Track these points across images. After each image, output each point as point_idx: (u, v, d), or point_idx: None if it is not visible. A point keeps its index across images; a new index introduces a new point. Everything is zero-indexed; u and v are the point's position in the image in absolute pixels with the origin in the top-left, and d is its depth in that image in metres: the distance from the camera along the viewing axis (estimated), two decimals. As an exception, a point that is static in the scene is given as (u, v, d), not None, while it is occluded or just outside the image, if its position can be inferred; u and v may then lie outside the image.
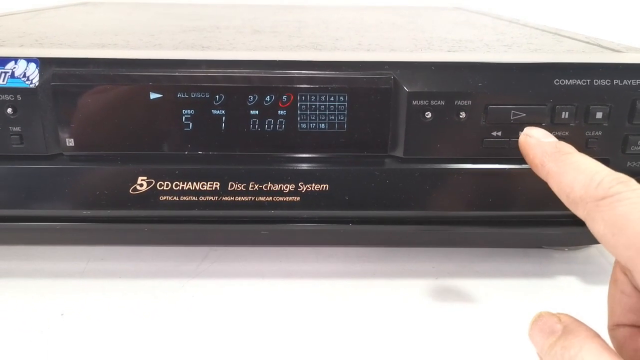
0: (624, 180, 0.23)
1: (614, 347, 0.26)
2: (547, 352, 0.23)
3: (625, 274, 0.25)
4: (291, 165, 0.36)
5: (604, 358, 0.21)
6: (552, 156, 0.28)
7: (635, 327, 0.25)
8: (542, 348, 0.24)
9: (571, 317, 0.24)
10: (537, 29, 0.53)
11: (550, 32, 0.50)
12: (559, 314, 0.24)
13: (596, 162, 0.26)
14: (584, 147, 0.35)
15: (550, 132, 0.34)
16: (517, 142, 0.34)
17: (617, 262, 0.26)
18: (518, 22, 0.61)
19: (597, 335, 0.22)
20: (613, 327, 0.26)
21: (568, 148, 0.28)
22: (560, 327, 0.23)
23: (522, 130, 0.34)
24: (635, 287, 0.25)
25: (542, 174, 0.29)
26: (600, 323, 0.28)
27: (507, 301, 0.37)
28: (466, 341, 0.33)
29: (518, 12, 0.82)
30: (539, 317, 0.25)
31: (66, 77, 0.34)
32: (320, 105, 0.35)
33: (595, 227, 0.23)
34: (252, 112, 0.34)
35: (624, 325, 0.25)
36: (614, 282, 0.26)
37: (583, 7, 0.87)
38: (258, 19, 0.60)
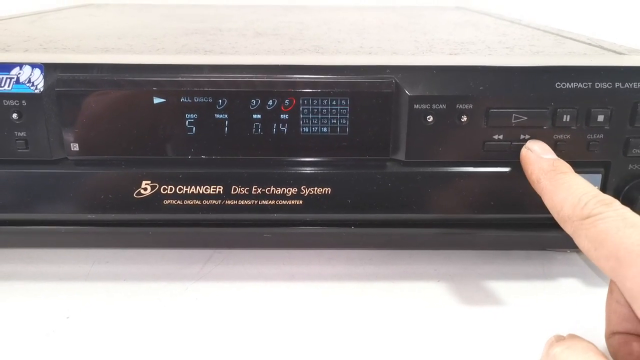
0: (608, 202, 0.26)
1: (610, 353, 0.27)
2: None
3: None
4: (294, 168, 0.36)
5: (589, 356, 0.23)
6: (547, 174, 0.30)
7: (629, 334, 0.26)
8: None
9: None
10: (539, 29, 0.53)
11: (552, 33, 0.50)
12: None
13: (587, 183, 0.29)
14: (585, 150, 0.35)
15: (552, 135, 0.35)
16: (518, 145, 0.35)
17: None
18: (520, 22, 0.61)
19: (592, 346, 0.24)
20: (610, 336, 0.27)
21: (564, 167, 0.31)
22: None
23: (523, 134, 0.35)
24: None
25: (537, 189, 0.31)
26: (601, 324, 0.29)
27: (510, 303, 0.38)
28: (468, 343, 0.34)
29: (521, 10, 0.82)
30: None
31: (70, 82, 0.34)
32: (322, 109, 0.35)
33: (580, 242, 0.26)
34: (254, 116, 0.35)
35: (619, 333, 0.26)
36: (610, 293, 0.28)
37: (587, 3, 0.87)
38: (260, 20, 0.60)
